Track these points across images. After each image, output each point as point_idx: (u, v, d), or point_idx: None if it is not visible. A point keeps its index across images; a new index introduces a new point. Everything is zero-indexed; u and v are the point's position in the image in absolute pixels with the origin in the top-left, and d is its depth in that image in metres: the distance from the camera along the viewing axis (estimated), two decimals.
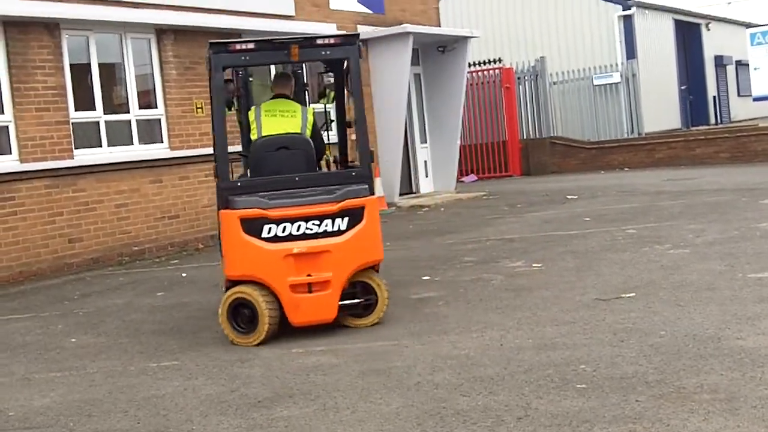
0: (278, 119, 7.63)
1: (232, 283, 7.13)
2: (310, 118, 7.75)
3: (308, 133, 7.67)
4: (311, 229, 6.98)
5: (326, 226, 6.99)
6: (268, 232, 6.94)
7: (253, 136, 7.62)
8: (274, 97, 7.91)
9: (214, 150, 7.52)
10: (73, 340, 7.75)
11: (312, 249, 6.96)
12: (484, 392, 5.15)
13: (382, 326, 7.11)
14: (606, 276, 8.40)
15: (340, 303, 7.07)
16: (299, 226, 6.96)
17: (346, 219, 7.03)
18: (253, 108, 7.87)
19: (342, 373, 5.85)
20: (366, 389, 5.44)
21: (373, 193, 7.24)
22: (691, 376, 5.08)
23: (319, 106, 8.79)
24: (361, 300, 7.19)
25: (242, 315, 7.04)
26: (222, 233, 7.28)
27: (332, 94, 8.16)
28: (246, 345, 6.92)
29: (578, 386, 5.09)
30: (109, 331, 8.02)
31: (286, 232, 6.95)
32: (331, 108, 8.51)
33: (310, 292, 7.00)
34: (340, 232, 7.02)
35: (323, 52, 7.41)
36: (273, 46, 7.36)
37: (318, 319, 7.05)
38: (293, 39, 7.42)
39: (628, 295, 7.40)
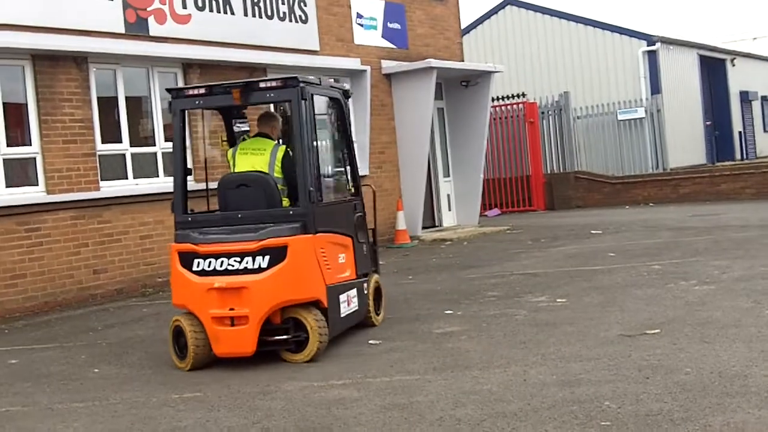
0: (248, 157, 7.96)
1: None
2: (279, 156, 7.93)
3: (277, 170, 7.88)
4: (233, 266, 7.29)
5: (247, 263, 7.27)
6: (197, 266, 7.38)
7: None
8: (254, 136, 8.24)
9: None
10: (97, 370, 7.77)
11: (231, 284, 7.25)
12: (506, 428, 5.11)
13: (404, 360, 7.09)
14: (631, 312, 8.33)
15: (274, 338, 7.34)
16: (222, 262, 7.31)
17: (267, 257, 7.24)
18: (233, 147, 8.29)
19: (364, 407, 5.82)
20: (387, 424, 5.41)
21: (306, 232, 7.39)
22: (717, 414, 5.02)
23: None
24: (289, 336, 7.34)
25: (179, 342, 7.55)
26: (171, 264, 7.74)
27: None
28: (182, 369, 7.42)
29: (602, 423, 5.04)
30: (132, 362, 8.03)
31: (211, 267, 7.34)
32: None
33: (233, 325, 7.27)
34: (260, 270, 7.25)
35: (267, 95, 7.81)
36: (221, 90, 7.78)
37: (237, 351, 7.33)
38: (236, 84, 7.82)
39: (653, 332, 7.34)
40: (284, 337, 7.35)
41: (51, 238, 11.65)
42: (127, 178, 12.84)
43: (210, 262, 7.34)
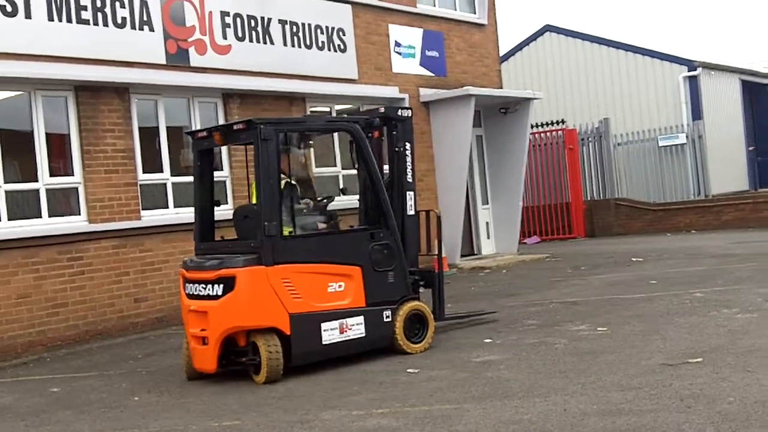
0: (257, 191, 8.44)
1: None
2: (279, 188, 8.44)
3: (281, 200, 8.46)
4: (202, 291, 8.15)
5: (209, 290, 8.08)
6: (186, 289, 8.38)
7: None
8: None
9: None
10: (137, 398, 7.82)
11: (199, 308, 8.14)
12: None
13: (443, 389, 7.05)
14: (673, 340, 8.23)
15: (235, 360, 8.17)
16: (197, 288, 8.20)
17: (222, 286, 7.97)
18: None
19: None
20: None
21: (261, 264, 7.94)
22: None
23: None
24: (246, 359, 8.05)
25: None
26: None
27: None
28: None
29: None
30: (171, 390, 8.08)
31: (194, 291, 8.25)
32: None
33: (203, 344, 8.11)
34: (216, 297, 8.01)
35: (239, 136, 8.59)
36: (209, 133, 8.75)
37: (204, 368, 8.20)
38: (217, 127, 9.01)
39: (695, 360, 7.24)
40: (243, 359, 8.10)
41: (93, 267, 11.78)
42: (167, 207, 12.96)
43: (193, 287, 8.25)
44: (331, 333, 8.26)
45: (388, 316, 8.67)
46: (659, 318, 9.54)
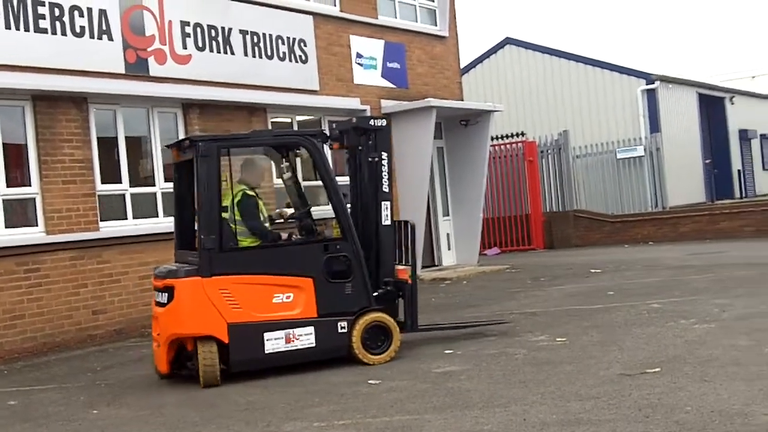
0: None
1: None
2: (235, 200, 8.94)
3: (237, 213, 8.90)
4: (158, 298, 8.73)
5: (162, 297, 8.61)
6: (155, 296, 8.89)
7: None
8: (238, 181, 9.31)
9: None
10: (95, 411, 7.74)
11: (154, 313, 8.84)
12: None
13: (404, 400, 7.06)
14: (631, 350, 8.31)
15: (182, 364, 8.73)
16: (156, 294, 8.77)
17: (166, 294, 8.51)
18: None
19: None
20: None
21: (199, 275, 8.34)
22: None
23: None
24: (190, 363, 8.59)
25: None
26: None
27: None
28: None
29: None
30: (130, 402, 8.00)
31: (156, 297, 8.81)
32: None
33: (158, 347, 8.71)
34: (164, 305, 8.56)
35: (187, 152, 8.94)
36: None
37: (159, 369, 8.80)
38: (172, 144, 9.51)
39: (653, 370, 7.31)
40: (188, 363, 8.67)
41: (50, 279, 11.65)
42: (126, 218, 12.86)
43: (156, 293, 8.80)
44: (275, 342, 8.49)
45: (343, 327, 8.74)
46: (617, 328, 9.63)
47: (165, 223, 13.15)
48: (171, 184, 13.33)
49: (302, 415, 6.86)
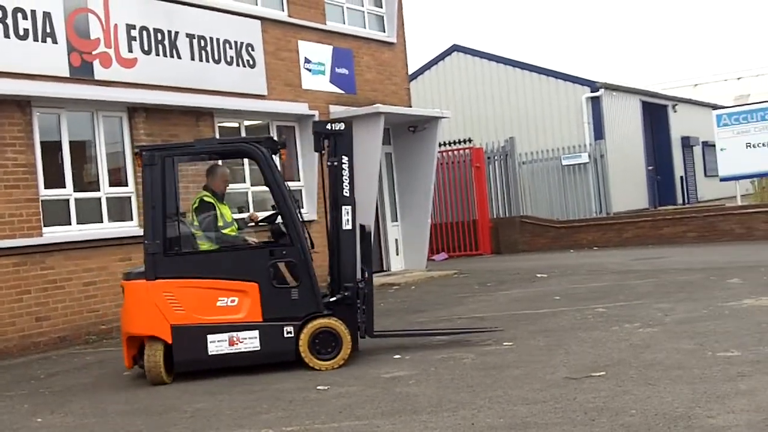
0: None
1: None
2: (192, 206, 9.47)
3: (195, 218, 9.32)
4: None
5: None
6: None
7: None
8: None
9: None
10: (39, 420, 7.61)
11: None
12: None
13: (352, 406, 7.05)
14: (576, 354, 8.39)
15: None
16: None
17: (124, 295, 9.07)
18: None
19: None
20: None
21: (147, 278, 8.73)
22: None
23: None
24: (139, 362, 8.98)
25: None
26: None
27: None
28: None
29: None
30: (75, 411, 7.88)
31: None
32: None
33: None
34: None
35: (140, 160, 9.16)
36: None
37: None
38: (136, 151, 9.74)
39: (598, 374, 7.39)
40: (139, 362, 8.98)
41: None
42: (70, 224, 12.68)
43: None
44: (218, 345, 8.69)
45: (289, 332, 8.78)
46: (563, 333, 9.72)
47: (110, 229, 13.04)
48: (116, 189, 13.30)
49: (249, 422, 6.82)
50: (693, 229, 21.58)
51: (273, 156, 9.14)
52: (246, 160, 14.22)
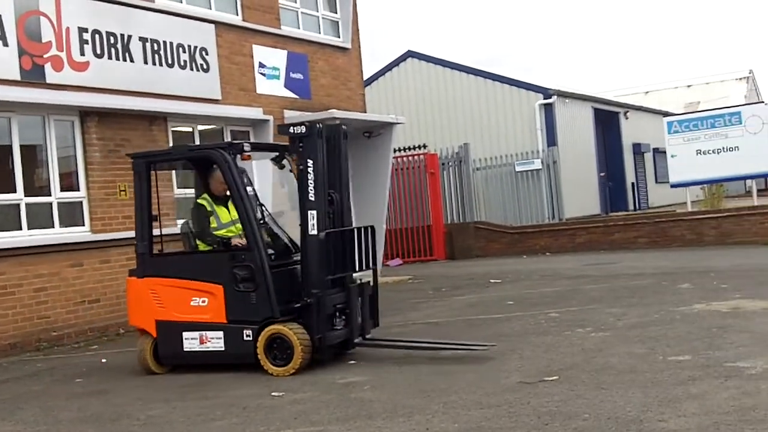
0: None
1: None
2: (191, 209, 10.02)
3: (192, 220, 9.80)
4: None
5: None
6: None
7: None
8: None
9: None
10: None
11: None
12: None
13: (308, 412, 7.04)
14: (530, 359, 8.45)
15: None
16: None
17: None
18: None
19: None
20: None
21: (137, 276, 9.46)
22: None
23: None
24: None
25: None
26: None
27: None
28: None
29: None
30: (26, 418, 7.78)
31: None
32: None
33: None
34: None
35: None
36: None
37: None
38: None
39: (551, 378, 7.45)
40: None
41: None
42: (21, 229, 12.49)
43: None
44: (191, 342, 9.15)
45: (249, 336, 8.90)
46: (517, 338, 9.79)
47: (61, 234, 12.87)
48: (67, 194, 13.14)
49: (202, 429, 6.78)
50: (644, 234, 21.84)
51: (235, 160, 9.16)
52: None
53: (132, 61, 14.07)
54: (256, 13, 17.05)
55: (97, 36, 13.48)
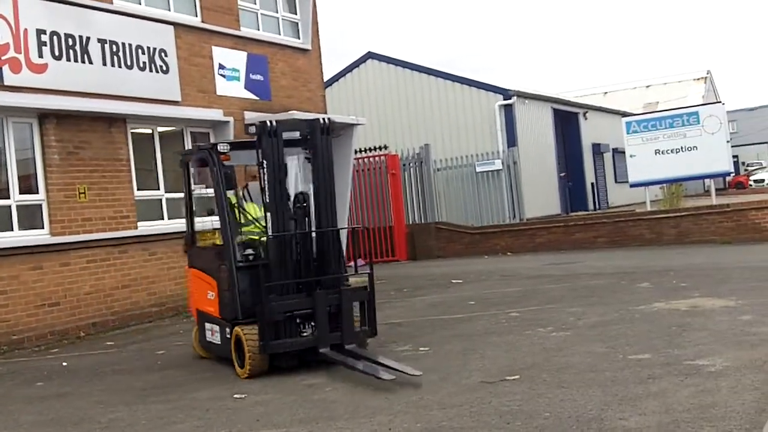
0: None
1: None
2: None
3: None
4: None
5: None
6: None
7: None
8: None
9: None
10: None
11: None
12: None
13: (270, 413, 7.04)
14: (491, 359, 8.51)
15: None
16: None
17: None
18: None
19: None
20: None
21: (188, 266, 10.07)
22: None
23: None
24: None
25: None
26: None
27: None
28: None
29: None
30: None
31: None
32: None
33: None
34: None
35: None
36: None
37: None
38: None
39: (512, 378, 7.51)
40: None
41: None
42: None
43: None
44: (209, 333, 9.56)
45: (228, 333, 9.04)
46: (478, 337, 9.84)
47: (20, 237, 12.74)
48: (26, 197, 13.00)
49: (167, 431, 6.75)
50: (604, 234, 22.04)
51: (219, 161, 9.09)
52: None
53: (91, 62, 13.95)
54: (216, 15, 16.98)
55: (55, 37, 13.36)
